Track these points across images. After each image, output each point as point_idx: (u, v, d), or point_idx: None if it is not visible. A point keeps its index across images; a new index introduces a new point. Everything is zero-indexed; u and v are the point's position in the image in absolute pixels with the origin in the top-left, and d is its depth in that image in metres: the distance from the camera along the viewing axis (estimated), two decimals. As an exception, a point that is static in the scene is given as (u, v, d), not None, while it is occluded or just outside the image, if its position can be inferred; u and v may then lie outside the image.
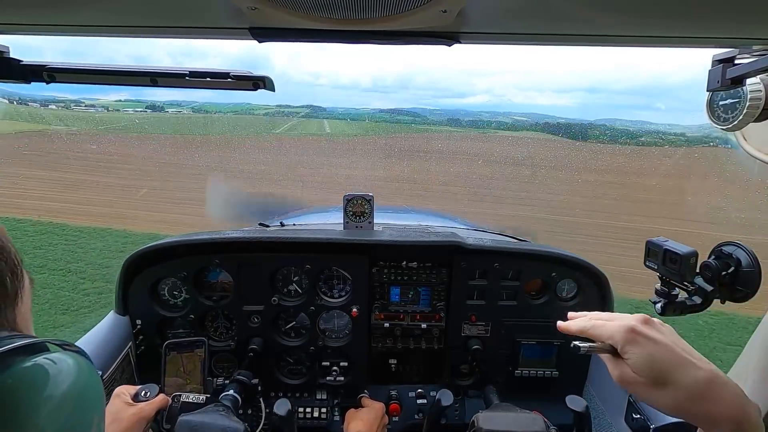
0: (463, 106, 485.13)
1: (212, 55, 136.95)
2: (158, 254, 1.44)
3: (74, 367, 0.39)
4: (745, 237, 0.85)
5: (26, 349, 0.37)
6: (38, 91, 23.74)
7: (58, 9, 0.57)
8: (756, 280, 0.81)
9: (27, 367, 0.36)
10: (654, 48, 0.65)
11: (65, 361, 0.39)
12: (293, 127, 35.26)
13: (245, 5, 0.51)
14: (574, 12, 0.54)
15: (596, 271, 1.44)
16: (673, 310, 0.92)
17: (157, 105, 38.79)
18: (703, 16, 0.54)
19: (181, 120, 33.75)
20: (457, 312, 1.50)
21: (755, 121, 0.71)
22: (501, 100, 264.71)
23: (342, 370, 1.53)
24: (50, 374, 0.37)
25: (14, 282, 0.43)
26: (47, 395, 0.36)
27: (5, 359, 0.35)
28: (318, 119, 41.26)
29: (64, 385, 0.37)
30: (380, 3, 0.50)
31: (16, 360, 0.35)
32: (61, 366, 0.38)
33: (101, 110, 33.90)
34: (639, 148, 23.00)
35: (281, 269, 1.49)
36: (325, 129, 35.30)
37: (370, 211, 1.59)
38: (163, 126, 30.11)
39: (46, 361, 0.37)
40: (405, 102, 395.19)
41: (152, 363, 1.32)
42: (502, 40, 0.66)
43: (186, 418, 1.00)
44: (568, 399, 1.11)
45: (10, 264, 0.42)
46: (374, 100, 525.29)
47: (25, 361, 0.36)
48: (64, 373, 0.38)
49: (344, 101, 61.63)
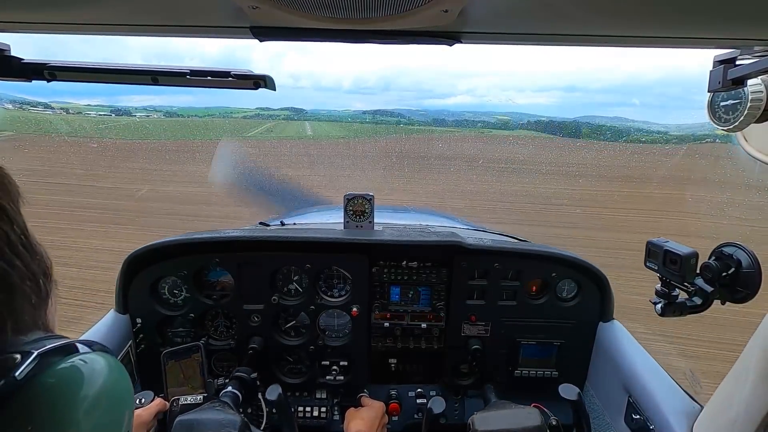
0: (446, 106, 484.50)
1: (189, 56, 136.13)
2: (158, 253, 1.44)
3: (105, 367, 0.41)
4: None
5: (62, 350, 0.38)
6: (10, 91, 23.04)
7: (59, 7, 0.57)
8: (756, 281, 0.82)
9: (65, 368, 0.37)
10: (654, 48, 0.65)
11: (97, 361, 0.40)
12: (270, 129, 33.44)
13: (246, 4, 0.51)
14: (575, 12, 0.54)
15: (596, 271, 1.44)
16: (673, 311, 0.92)
17: (121, 109, 38.19)
18: (704, 17, 0.54)
19: (141, 124, 31.96)
20: (457, 312, 1.50)
21: (756, 122, 0.71)
22: (482, 101, 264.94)
23: (342, 370, 1.53)
24: (85, 374, 0.38)
25: (47, 284, 0.44)
26: (84, 394, 0.37)
27: (46, 359, 0.36)
28: (299, 121, 39.93)
29: (97, 384, 0.39)
30: (381, 2, 0.49)
31: (55, 360, 0.37)
32: (93, 366, 0.40)
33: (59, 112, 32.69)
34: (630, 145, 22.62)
35: (281, 268, 1.49)
36: (306, 131, 33.68)
37: (370, 210, 1.59)
38: (120, 131, 28.03)
39: (81, 361, 0.39)
40: (388, 103, 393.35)
41: (152, 362, 1.33)
42: (503, 40, 0.65)
43: (182, 419, 1.01)
44: (560, 388, 1.12)
45: (43, 266, 0.44)
46: (356, 102, 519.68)
47: (63, 361, 0.37)
48: (97, 372, 0.40)
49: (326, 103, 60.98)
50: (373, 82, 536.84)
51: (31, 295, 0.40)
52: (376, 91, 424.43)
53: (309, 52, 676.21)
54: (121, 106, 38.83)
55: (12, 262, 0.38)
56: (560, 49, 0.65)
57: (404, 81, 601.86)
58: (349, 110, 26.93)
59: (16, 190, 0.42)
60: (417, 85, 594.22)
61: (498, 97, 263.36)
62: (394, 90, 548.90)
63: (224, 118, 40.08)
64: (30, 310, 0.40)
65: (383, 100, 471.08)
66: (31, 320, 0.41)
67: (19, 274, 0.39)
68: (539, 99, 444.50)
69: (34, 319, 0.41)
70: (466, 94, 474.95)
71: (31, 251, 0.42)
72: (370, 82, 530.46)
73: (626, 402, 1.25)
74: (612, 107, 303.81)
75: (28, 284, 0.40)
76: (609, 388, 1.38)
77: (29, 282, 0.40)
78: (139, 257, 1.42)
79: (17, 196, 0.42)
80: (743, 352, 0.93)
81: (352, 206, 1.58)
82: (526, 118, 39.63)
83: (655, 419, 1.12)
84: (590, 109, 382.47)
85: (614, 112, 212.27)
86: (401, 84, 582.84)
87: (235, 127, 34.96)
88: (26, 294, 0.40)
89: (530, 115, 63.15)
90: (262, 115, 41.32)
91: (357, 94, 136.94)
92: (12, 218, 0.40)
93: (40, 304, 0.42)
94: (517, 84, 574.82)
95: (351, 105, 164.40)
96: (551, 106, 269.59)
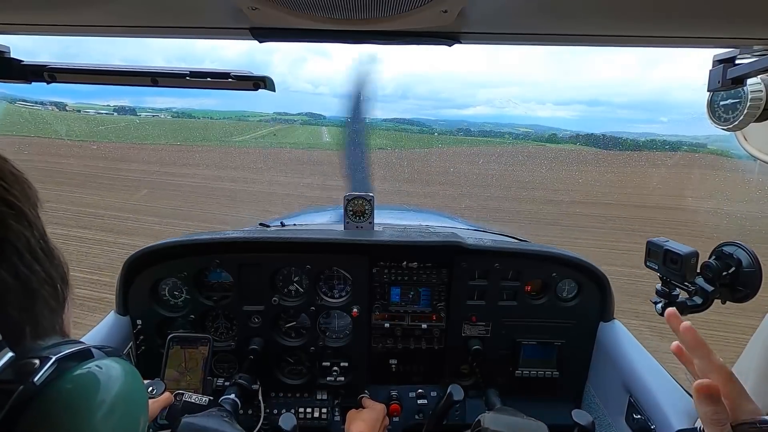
0: (465, 117, 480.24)
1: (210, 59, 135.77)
2: (159, 254, 1.44)
3: (121, 373, 0.41)
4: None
5: (79, 355, 0.39)
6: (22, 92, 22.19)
7: (59, 9, 0.57)
8: (757, 280, 0.82)
9: (82, 373, 0.37)
10: (654, 48, 0.65)
11: (113, 367, 0.41)
12: (265, 135, 29.20)
13: (246, 5, 0.51)
14: (575, 12, 0.54)
15: (597, 271, 1.44)
16: (673, 311, 0.92)
17: (126, 108, 37.37)
18: (704, 16, 0.54)
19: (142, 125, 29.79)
20: (458, 312, 1.50)
21: (756, 121, 0.71)
22: (501, 112, 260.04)
23: (342, 371, 1.53)
24: (101, 380, 0.39)
25: (65, 289, 0.44)
26: (100, 400, 0.38)
27: (64, 364, 0.36)
28: (316, 126, 37.57)
29: (113, 390, 0.39)
30: (381, 3, 0.50)
31: (72, 366, 0.37)
32: (109, 372, 0.40)
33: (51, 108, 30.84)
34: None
35: (282, 269, 1.49)
36: (323, 138, 29.51)
37: (370, 211, 1.59)
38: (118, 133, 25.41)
39: (97, 368, 0.39)
40: (406, 112, 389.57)
41: (153, 363, 1.32)
42: (503, 40, 0.66)
43: (189, 421, 1.00)
44: (574, 413, 1.11)
45: (61, 271, 0.44)
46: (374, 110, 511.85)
47: (79, 367, 0.37)
48: (114, 378, 0.40)
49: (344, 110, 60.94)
50: (391, 90, 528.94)
51: (49, 299, 0.41)
52: (394, 99, 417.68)
53: (328, 57, 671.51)
54: (128, 106, 38.36)
55: (32, 267, 0.38)
56: (584, 59, 0.64)
57: (421, 89, 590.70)
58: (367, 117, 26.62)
59: (35, 195, 0.42)
60: (435, 94, 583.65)
61: (518, 108, 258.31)
62: (412, 98, 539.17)
63: (239, 120, 38.88)
64: (48, 315, 0.40)
65: (401, 108, 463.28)
66: (49, 325, 0.41)
67: (38, 279, 0.39)
68: (560, 112, 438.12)
69: (52, 324, 0.41)
70: (485, 105, 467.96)
71: (50, 256, 0.42)
72: (387, 90, 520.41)
73: (627, 402, 1.25)
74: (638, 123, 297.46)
75: (47, 289, 0.40)
76: (610, 387, 1.38)
77: (48, 287, 0.40)
78: (140, 258, 1.42)
79: (36, 200, 0.42)
80: (744, 351, 0.93)
81: (352, 207, 1.58)
82: (550, 131, 38.72)
83: (656, 419, 1.11)
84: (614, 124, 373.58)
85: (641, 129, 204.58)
86: (418, 92, 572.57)
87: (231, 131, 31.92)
88: (45, 299, 0.40)
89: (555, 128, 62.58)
90: (278, 119, 40.62)
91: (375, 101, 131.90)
92: (32, 223, 0.40)
93: (57, 309, 0.42)
94: (538, 96, 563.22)
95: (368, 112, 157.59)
96: (572, 120, 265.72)
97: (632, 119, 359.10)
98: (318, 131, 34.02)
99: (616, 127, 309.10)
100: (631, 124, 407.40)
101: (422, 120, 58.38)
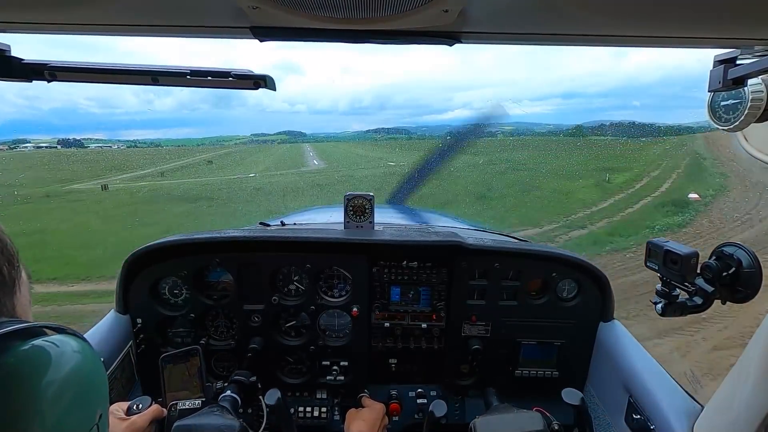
0: (446, 121, 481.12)
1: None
2: (159, 253, 1.44)
3: (78, 351, 0.39)
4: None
5: (26, 333, 0.37)
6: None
7: (59, 7, 0.57)
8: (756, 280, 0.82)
9: (27, 349, 0.35)
10: (654, 48, 0.65)
11: (68, 344, 0.38)
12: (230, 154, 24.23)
13: (247, 4, 0.51)
14: (575, 12, 0.54)
15: (597, 271, 1.44)
16: (673, 311, 0.92)
17: (69, 140, 36.40)
18: (705, 17, 0.54)
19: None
20: (458, 312, 1.50)
21: (756, 121, 0.71)
22: (480, 113, 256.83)
23: (342, 370, 1.53)
24: (52, 356, 0.36)
25: (11, 272, 0.43)
26: (49, 379, 0.35)
27: (4, 341, 0.35)
28: (296, 144, 33.86)
29: (65, 368, 0.37)
30: (382, 2, 0.49)
31: (16, 343, 0.35)
32: (63, 348, 0.37)
33: None
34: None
35: (282, 268, 1.49)
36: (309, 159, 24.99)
37: (370, 210, 1.59)
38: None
39: (47, 343, 0.36)
40: (386, 122, 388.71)
41: (152, 362, 1.33)
42: (503, 39, 0.65)
43: (180, 424, 1.00)
44: (564, 392, 1.11)
45: (6, 254, 0.43)
46: (354, 123, 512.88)
47: (25, 343, 0.35)
48: (67, 355, 0.37)
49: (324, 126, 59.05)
50: (369, 101, 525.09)
51: None
52: (372, 111, 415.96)
53: (302, 74, 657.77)
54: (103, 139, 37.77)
55: None
56: (556, 55, 0.64)
57: (399, 99, 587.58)
58: (348, 131, 25.72)
59: None
60: (413, 101, 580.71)
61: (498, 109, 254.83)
62: (391, 108, 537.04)
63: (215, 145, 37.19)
64: None
65: (381, 119, 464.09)
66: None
67: None
68: (536, 108, 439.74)
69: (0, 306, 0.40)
70: (463, 108, 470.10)
71: None
72: (365, 102, 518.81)
73: (627, 402, 1.25)
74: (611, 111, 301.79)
75: None
76: (609, 388, 1.38)
77: None
78: (140, 258, 1.42)
79: None
80: (744, 352, 0.93)
81: (352, 206, 1.58)
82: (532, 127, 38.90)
83: (655, 419, 1.11)
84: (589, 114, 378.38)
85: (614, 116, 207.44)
86: (397, 102, 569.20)
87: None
88: None
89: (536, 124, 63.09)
90: (256, 140, 39.95)
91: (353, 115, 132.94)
92: None
93: (3, 291, 0.41)
94: (514, 94, 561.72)
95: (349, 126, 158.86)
96: (550, 114, 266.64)
97: (606, 107, 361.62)
98: (299, 149, 31.89)
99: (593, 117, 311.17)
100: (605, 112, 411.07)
101: (406, 127, 58.56)
